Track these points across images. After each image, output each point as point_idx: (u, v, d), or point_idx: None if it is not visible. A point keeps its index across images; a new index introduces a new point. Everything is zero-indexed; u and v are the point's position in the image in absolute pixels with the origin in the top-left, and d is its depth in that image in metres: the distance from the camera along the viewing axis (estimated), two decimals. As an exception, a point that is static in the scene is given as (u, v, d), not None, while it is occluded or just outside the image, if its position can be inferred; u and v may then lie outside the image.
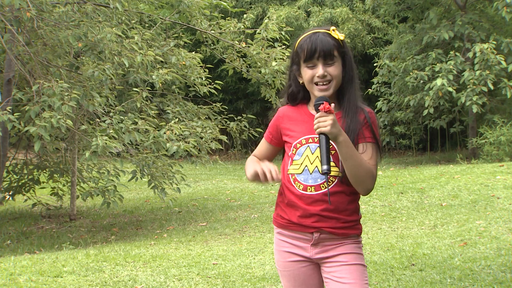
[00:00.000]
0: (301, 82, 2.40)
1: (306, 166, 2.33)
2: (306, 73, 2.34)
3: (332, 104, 2.23)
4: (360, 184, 2.29)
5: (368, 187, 2.30)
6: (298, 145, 2.35)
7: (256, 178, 2.33)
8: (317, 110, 2.23)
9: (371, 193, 5.01)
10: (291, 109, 2.44)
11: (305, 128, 2.36)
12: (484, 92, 11.27)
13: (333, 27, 2.35)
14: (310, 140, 2.34)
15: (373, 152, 2.33)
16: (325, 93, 2.32)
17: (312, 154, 2.33)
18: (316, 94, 2.34)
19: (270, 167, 2.31)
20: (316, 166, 2.31)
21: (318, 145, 2.29)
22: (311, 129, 2.31)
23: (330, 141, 2.24)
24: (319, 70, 2.30)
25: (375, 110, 12.80)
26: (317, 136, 2.26)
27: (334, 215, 2.31)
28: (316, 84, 2.33)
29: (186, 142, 7.23)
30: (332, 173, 2.26)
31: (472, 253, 5.07)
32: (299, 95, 2.42)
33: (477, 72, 11.19)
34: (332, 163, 2.25)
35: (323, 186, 2.30)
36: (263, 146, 2.53)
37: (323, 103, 2.22)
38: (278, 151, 2.51)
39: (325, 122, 2.20)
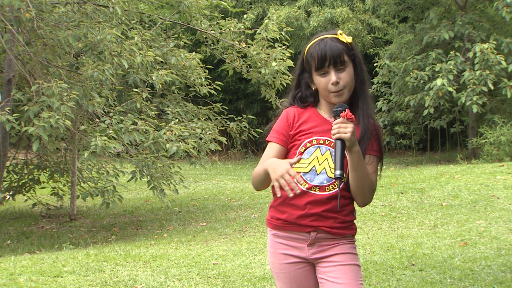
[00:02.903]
0: (314, 88, 2.40)
1: (314, 166, 2.32)
2: (320, 82, 2.33)
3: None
4: (361, 195, 2.31)
5: (367, 200, 2.33)
6: (309, 144, 2.34)
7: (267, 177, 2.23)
8: (337, 116, 2.24)
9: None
10: (300, 110, 2.42)
11: (317, 128, 2.35)
12: (484, 92, 11.26)
13: (340, 31, 2.35)
14: (321, 142, 2.34)
15: (376, 166, 2.36)
16: (340, 99, 2.32)
17: (322, 155, 2.32)
18: (333, 101, 2.33)
19: (291, 178, 2.15)
20: (324, 168, 2.31)
21: (328, 147, 2.31)
22: (323, 131, 2.33)
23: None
24: (332, 77, 2.30)
25: (376, 110, 12.79)
26: (329, 139, 2.28)
27: (332, 215, 2.31)
28: (331, 91, 2.32)
29: (185, 143, 7.23)
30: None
31: (472, 253, 5.07)
32: (310, 99, 2.41)
33: (477, 72, 11.18)
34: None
35: (327, 189, 2.30)
36: (272, 150, 2.37)
37: (345, 110, 2.22)
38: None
39: (346, 128, 2.20)
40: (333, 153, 2.26)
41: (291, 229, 2.35)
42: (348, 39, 2.33)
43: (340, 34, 2.34)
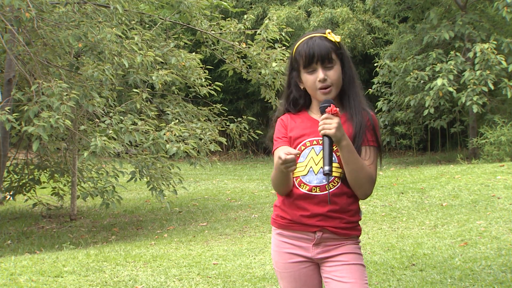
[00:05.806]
0: (302, 87, 2.41)
1: (311, 167, 2.33)
2: (308, 79, 2.35)
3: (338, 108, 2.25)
4: (359, 188, 2.31)
5: (367, 192, 2.33)
6: (303, 147, 2.35)
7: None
8: (323, 112, 2.25)
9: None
10: (292, 115, 2.44)
11: (308, 131, 2.36)
12: (485, 92, 11.26)
13: (328, 30, 2.37)
14: (315, 142, 2.34)
15: (375, 156, 2.34)
16: (328, 96, 2.33)
17: (317, 155, 2.33)
18: (319, 98, 2.35)
19: (284, 154, 2.21)
20: (321, 168, 2.31)
21: (322, 147, 2.30)
22: (314, 132, 2.33)
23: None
24: (319, 74, 2.32)
25: (376, 110, 12.80)
26: (321, 138, 2.27)
27: (338, 215, 2.32)
28: (319, 88, 2.34)
29: (185, 144, 7.22)
30: (336, 174, 2.29)
31: (473, 253, 5.07)
32: (300, 101, 2.42)
33: (478, 72, 11.18)
34: (336, 164, 2.28)
35: (327, 187, 2.31)
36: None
37: (330, 106, 2.23)
38: None
39: (330, 124, 2.21)
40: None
41: (296, 229, 2.36)
42: (336, 38, 2.35)
43: (329, 33, 2.35)
